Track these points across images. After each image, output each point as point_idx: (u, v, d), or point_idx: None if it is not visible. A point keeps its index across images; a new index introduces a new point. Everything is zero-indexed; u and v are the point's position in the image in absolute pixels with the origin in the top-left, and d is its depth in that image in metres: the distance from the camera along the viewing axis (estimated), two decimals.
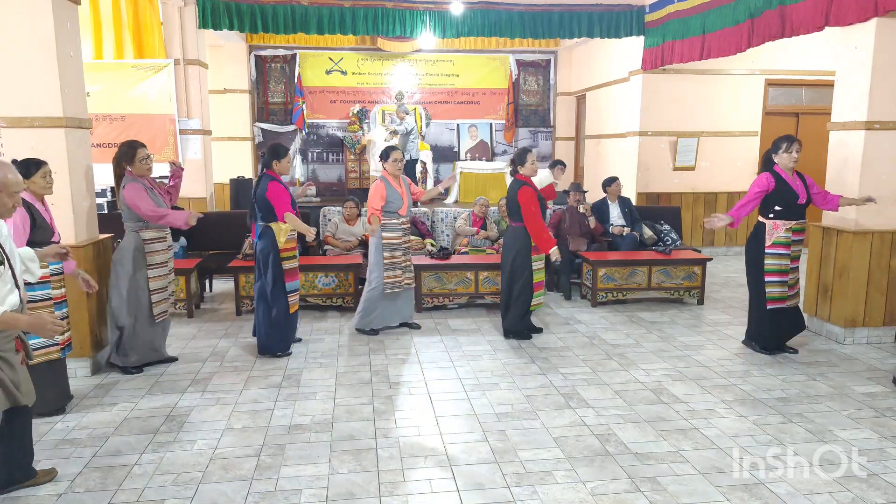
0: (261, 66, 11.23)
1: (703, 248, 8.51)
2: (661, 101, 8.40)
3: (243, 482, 3.05)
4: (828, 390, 4.19)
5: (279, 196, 4.61)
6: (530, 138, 12.10)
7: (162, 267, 4.51)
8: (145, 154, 4.37)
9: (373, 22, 7.80)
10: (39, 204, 3.66)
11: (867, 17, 4.64)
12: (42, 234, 3.55)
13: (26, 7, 4.13)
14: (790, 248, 4.68)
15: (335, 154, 11.55)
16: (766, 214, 4.70)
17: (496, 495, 2.94)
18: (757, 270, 4.76)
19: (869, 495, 2.94)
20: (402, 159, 5.28)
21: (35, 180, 3.63)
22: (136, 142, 4.42)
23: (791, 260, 4.70)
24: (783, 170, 4.65)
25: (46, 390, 3.62)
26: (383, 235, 5.22)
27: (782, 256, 4.68)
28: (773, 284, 4.70)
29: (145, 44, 7.53)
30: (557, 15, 8.09)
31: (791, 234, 4.66)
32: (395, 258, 5.27)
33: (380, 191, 5.16)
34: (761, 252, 4.71)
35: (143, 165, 4.35)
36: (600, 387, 4.25)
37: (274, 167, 4.70)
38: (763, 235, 4.72)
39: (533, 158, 5.09)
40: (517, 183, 5.06)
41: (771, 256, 4.69)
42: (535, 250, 5.09)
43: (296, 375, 4.47)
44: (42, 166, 3.68)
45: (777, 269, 4.69)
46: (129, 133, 7.24)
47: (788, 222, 4.64)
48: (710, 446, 3.41)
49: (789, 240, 4.66)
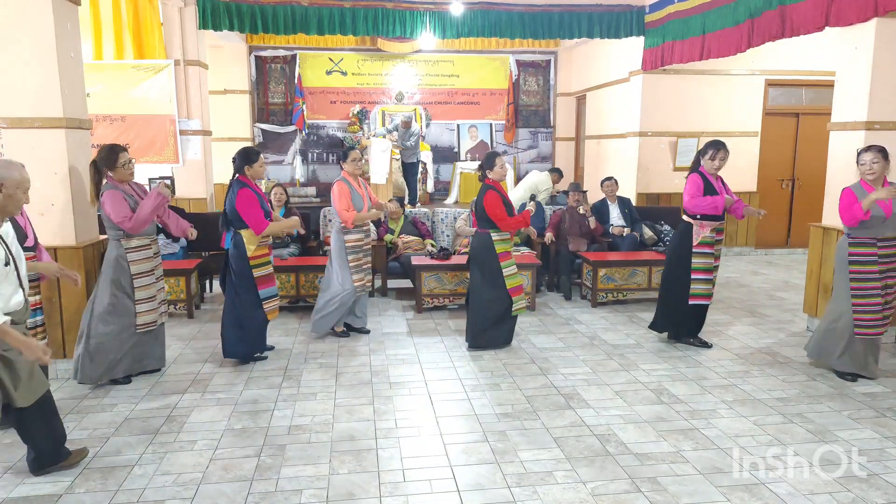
0: (261, 67, 11.23)
1: None
2: (661, 102, 8.40)
3: (243, 482, 3.05)
4: (828, 390, 4.19)
5: (249, 207, 4.41)
6: (530, 139, 12.10)
7: (148, 276, 4.27)
8: (127, 158, 4.12)
9: (373, 22, 7.80)
10: None
11: (867, 17, 4.64)
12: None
13: (26, 7, 4.14)
14: (714, 247, 4.84)
15: (335, 155, 11.55)
16: (694, 216, 4.82)
17: (496, 496, 2.94)
18: (683, 268, 4.88)
19: (869, 495, 2.94)
20: (359, 159, 5.21)
21: None
22: (117, 145, 4.18)
23: (714, 258, 4.86)
24: (709, 173, 4.81)
25: None
26: (346, 238, 5.14)
27: (707, 255, 4.84)
28: (699, 282, 4.86)
29: (145, 44, 7.53)
30: (557, 15, 8.09)
31: (715, 234, 4.83)
32: (359, 260, 5.19)
33: (345, 192, 5.06)
34: (688, 251, 4.84)
35: (125, 170, 4.10)
36: (600, 387, 4.25)
37: (246, 172, 4.50)
38: (690, 236, 4.84)
39: (502, 162, 4.89)
40: (484, 188, 4.90)
41: (698, 255, 4.84)
42: (504, 256, 4.92)
43: (296, 376, 4.47)
44: None
45: (703, 268, 4.85)
46: (129, 134, 7.25)
47: (713, 223, 4.79)
48: (710, 446, 3.41)
49: (713, 239, 4.83)
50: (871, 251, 4.16)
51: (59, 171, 4.31)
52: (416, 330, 5.57)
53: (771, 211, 9.13)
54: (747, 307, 6.32)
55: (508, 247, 4.99)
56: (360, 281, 5.20)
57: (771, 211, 9.13)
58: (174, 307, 5.85)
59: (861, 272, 4.19)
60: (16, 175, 2.85)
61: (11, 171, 2.85)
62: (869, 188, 4.15)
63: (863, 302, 4.21)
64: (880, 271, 4.17)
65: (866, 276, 4.18)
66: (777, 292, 6.94)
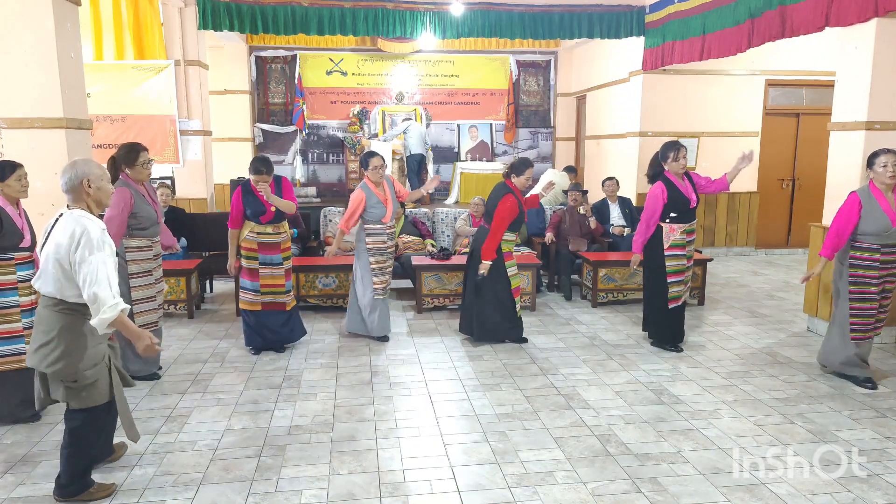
0: (261, 67, 11.23)
1: (703, 248, 8.51)
2: (661, 102, 8.40)
3: (244, 483, 3.05)
4: (828, 391, 4.19)
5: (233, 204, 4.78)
6: (530, 139, 12.10)
7: (146, 276, 4.24)
8: (147, 158, 4.18)
9: (373, 23, 7.80)
10: (11, 208, 3.55)
11: (867, 17, 4.64)
12: (9, 239, 3.48)
13: (27, 8, 4.15)
14: (685, 248, 4.85)
15: (335, 155, 11.56)
16: (663, 219, 4.81)
17: (497, 496, 2.94)
18: (659, 273, 4.87)
19: (869, 495, 2.94)
20: (381, 165, 5.11)
21: (10, 183, 3.52)
22: (138, 144, 4.24)
23: (686, 259, 4.87)
24: (674, 176, 4.80)
25: (11, 397, 3.59)
26: (367, 240, 5.13)
27: (680, 257, 4.85)
28: (674, 284, 4.87)
29: (146, 45, 7.54)
30: (557, 15, 8.09)
31: (686, 236, 4.84)
32: (382, 263, 5.17)
33: (355, 201, 5.04)
34: (661, 255, 4.83)
35: (143, 170, 4.16)
36: (601, 387, 4.25)
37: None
38: (661, 239, 4.82)
39: (531, 174, 4.92)
40: (504, 188, 4.90)
41: (670, 258, 4.84)
42: (507, 256, 4.98)
43: (296, 376, 4.47)
44: (17, 169, 3.56)
45: (676, 270, 4.86)
46: (129, 134, 7.25)
47: (682, 225, 4.80)
48: (710, 447, 3.41)
49: (685, 241, 4.84)
50: (874, 256, 4.12)
51: (59, 171, 4.29)
52: (416, 330, 5.57)
53: (771, 211, 9.16)
54: (747, 307, 6.31)
55: (511, 247, 5.01)
56: (380, 284, 5.16)
57: (771, 211, 9.16)
58: (174, 307, 5.86)
59: (860, 276, 4.16)
60: (96, 169, 2.90)
61: (90, 166, 2.88)
62: (879, 194, 4.04)
63: (859, 306, 4.19)
64: (879, 276, 4.14)
65: (865, 280, 4.15)
66: (777, 292, 6.94)
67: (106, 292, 2.65)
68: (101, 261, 2.68)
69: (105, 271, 2.68)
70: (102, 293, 2.64)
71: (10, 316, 3.54)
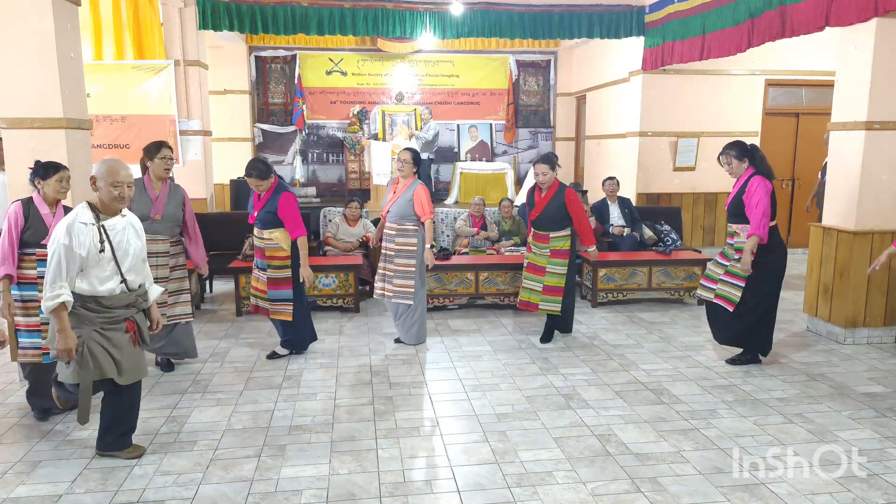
0: (261, 67, 11.23)
1: (703, 248, 8.50)
2: (661, 102, 8.40)
3: (244, 483, 3.05)
4: (828, 390, 4.19)
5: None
6: (530, 139, 12.10)
7: None
8: (167, 154, 4.27)
9: (373, 22, 7.80)
10: (46, 208, 3.63)
11: (867, 17, 4.64)
12: (33, 235, 3.59)
13: (26, 8, 4.14)
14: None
15: (335, 155, 11.55)
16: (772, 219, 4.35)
17: (496, 496, 2.94)
18: (779, 280, 4.47)
19: (869, 495, 2.94)
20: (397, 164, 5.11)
21: (50, 183, 3.61)
22: (164, 142, 4.36)
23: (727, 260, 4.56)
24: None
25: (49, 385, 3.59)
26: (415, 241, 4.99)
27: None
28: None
29: (145, 45, 7.54)
30: (557, 15, 8.09)
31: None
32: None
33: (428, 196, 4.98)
34: (783, 259, 4.41)
35: (161, 163, 4.25)
36: (601, 387, 4.25)
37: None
38: (780, 241, 4.39)
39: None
40: (570, 192, 5.01)
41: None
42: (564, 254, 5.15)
43: (296, 376, 4.47)
44: (60, 171, 3.64)
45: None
46: (129, 134, 7.26)
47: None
48: (710, 446, 3.41)
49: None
50: None
51: None
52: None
53: None
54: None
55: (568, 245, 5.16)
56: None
57: None
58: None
59: None
60: (102, 168, 3.00)
61: (100, 165, 3.01)
62: None
63: None
64: None
65: None
66: None
67: (47, 281, 2.88)
68: (53, 250, 2.88)
69: (56, 261, 2.87)
70: (47, 281, 2.88)
71: (31, 310, 3.65)
